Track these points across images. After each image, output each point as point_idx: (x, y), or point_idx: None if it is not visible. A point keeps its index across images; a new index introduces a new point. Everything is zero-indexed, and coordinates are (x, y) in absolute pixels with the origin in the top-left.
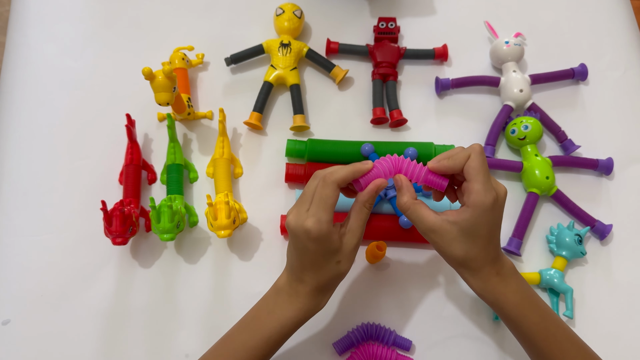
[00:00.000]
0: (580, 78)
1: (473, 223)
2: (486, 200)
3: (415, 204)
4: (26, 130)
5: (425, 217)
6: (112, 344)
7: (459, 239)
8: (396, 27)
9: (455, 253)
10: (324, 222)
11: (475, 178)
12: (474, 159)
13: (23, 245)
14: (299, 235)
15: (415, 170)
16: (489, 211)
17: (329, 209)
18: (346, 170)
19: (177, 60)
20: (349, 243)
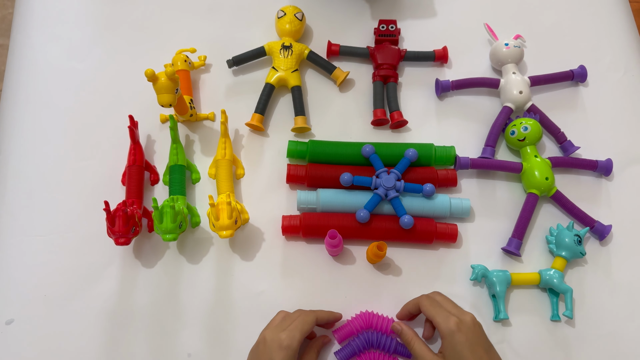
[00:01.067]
0: (580, 80)
1: (450, 349)
2: (449, 326)
3: (416, 341)
4: (30, 132)
5: (424, 356)
6: (115, 344)
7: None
8: (397, 30)
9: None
10: (295, 340)
11: (432, 315)
12: (423, 303)
13: (27, 245)
14: (271, 345)
15: (384, 322)
16: (457, 334)
17: (303, 333)
18: (326, 314)
19: (179, 62)
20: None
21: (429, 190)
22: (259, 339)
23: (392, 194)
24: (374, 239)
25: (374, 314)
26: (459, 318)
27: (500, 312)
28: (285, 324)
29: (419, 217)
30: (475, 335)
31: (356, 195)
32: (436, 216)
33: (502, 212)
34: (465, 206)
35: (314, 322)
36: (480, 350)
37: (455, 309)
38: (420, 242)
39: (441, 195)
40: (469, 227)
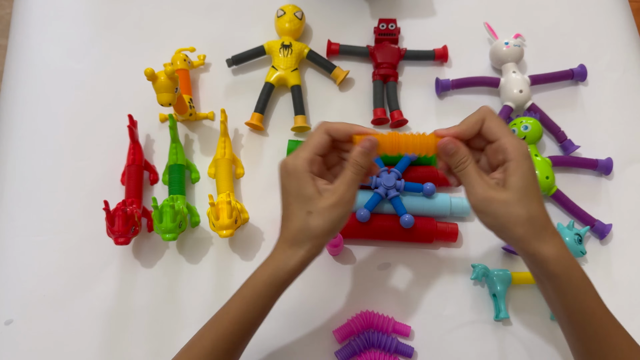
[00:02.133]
0: (580, 79)
1: (521, 176)
2: (524, 147)
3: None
4: (29, 132)
5: (476, 187)
6: (114, 344)
7: (513, 197)
8: (396, 29)
9: (519, 214)
10: (300, 158)
11: (503, 133)
12: (492, 119)
13: (26, 246)
14: (280, 171)
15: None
16: (529, 159)
17: (308, 148)
18: (343, 123)
19: (178, 61)
20: (326, 198)
21: (430, 189)
22: None
23: (393, 193)
24: (374, 238)
25: (374, 313)
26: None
27: (501, 311)
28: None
29: (419, 216)
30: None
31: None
32: (437, 215)
33: None
34: (465, 205)
35: (322, 133)
36: (538, 188)
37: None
38: (421, 241)
39: (442, 194)
40: (470, 226)
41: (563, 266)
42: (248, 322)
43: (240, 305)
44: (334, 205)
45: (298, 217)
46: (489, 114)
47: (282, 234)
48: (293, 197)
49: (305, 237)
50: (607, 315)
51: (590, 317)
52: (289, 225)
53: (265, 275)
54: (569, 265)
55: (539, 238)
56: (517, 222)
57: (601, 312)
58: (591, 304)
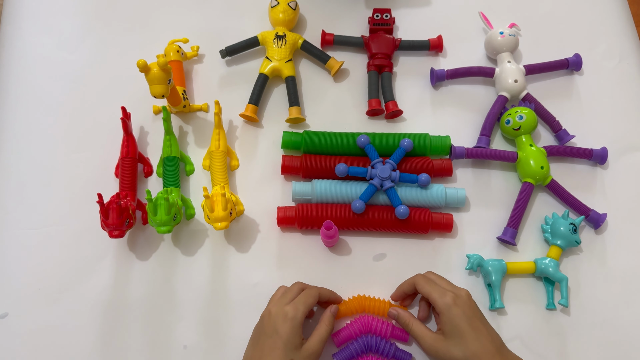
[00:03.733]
0: (575, 68)
1: (449, 324)
2: (445, 301)
3: (413, 324)
4: (21, 124)
5: (425, 339)
6: (110, 337)
7: (451, 343)
8: (391, 19)
9: (456, 356)
10: (300, 312)
11: (428, 292)
12: (418, 282)
13: (20, 239)
14: (276, 317)
15: (383, 327)
16: (453, 308)
17: (307, 307)
18: (329, 291)
19: (172, 52)
20: (305, 350)
21: (425, 180)
22: (263, 313)
23: (388, 184)
24: (369, 229)
25: (373, 317)
26: (455, 293)
27: (496, 301)
28: (288, 297)
29: (414, 207)
30: (471, 308)
31: (351, 185)
32: (432, 206)
33: (497, 202)
34: (460, 196)
35: (317, 296)
36: (477, 322)
37: (450, 285)
38: (416, 232)
39: (436, 185)
40: (465, 216)
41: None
42: None
43: None
44: (311, 357)
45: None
46: (417, 279)
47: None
48: (283, 341)
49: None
50: None
51: None
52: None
53: None
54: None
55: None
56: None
57: None
58: None
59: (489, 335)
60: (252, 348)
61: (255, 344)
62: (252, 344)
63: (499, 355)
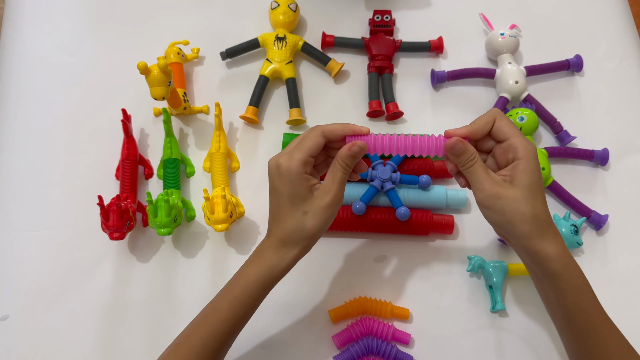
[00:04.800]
0: (576, 69)
1: (528, 173)
2: (533, 148)
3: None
4: (22, 126)
5: (484, 184)
6: (110, 339)
7: (520, 193)
8: (391, 20)
9: (526, 211)
10: (294, 160)
11: (514, 133)
12: (502, 119)
13: (20, 241)
14: (271, 171)
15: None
16: (537, 159)
17: (304, 150)
18: (337, 124)
19: (172, 54)
20: (320, 198)
21: (425, 181)
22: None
23: (388, 186)
24: (370, 230)
25: (373, 319)
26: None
27: (497, 302)
28: (291, 146)
29: (415, 208)
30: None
31: (352, 187)
32: (432, 207)
33: None
34: (461, 197)
35: (319, 136)
36: (543, 188)
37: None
38: (417, 233)
39: (437, 186)
40: (465, 218)
41: (564, 266)
42: (239, 319)
43: (232, 304)
44: (329, 206)
45: (293, 217)
46: (499, 115)
47: (274, 233)
48: (286, 198)
49: (301, 237)
50: (604, 317)
51: (588, 317)
52: (282, 225)
53: (257, 274)
54: (569, 265)
55: (542, 237)
56: (523, 219)
57: (598, 313)
58: (589, 304)
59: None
60: (270, 205)
61: (270, 201)
62: (270, 200)
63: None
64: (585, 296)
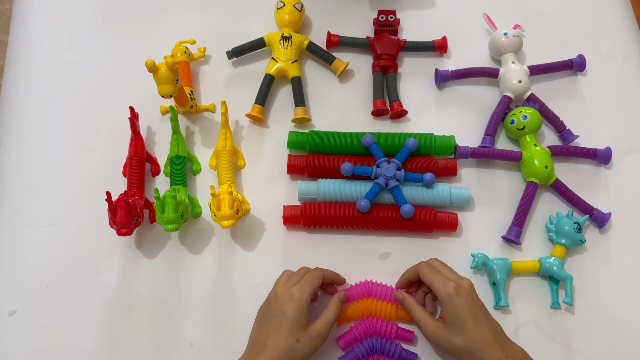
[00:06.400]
0: (579, 69)
1: (450, 313)
2: (447, 290)
3: (417, 310)
4: (31, 124)
5: (427, 327)
6: (117, 334)
7: (451, 332)
8: (396, 20)
9: (457, 344)
10: (305, 293)
11: (431, 282)
12: (421, 270)
13: (28, 237)
14: (282, 298)
15: (388, 328)
16: (455, 298)
17: (312, 288)
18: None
19: (179, 53)
20: (312, 331)
21: (429, 179)
22: (270, 295)
23: (393, 184)
24: (374, 228)
25: (377, 319)
26: (457, 283)
27: (501, 299)
28: (294, 279)
29: (419, 206)
30: (473, 299)
31: (356, 185)
32: (436, 205)
33: (502, 201)
34: (465, 195)
35: (321, 277)
36: (479, 313)
37: (453, 274)
38: (421, 231)
39: (441, 184)
40: (469, 216)
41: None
42: None
43: None
44: (317, 339)
45: (286, 342)
46: (420, 267)
47: (265, 353)
48: (289, 321)
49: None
50: None
51: None
52: (277, 346)
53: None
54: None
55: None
56: (459, 351)
57: None
58: None
59: (489, 325)
60: (258, 329)
61: (262, 324)
62: (258, 324)
63: (497, 345)
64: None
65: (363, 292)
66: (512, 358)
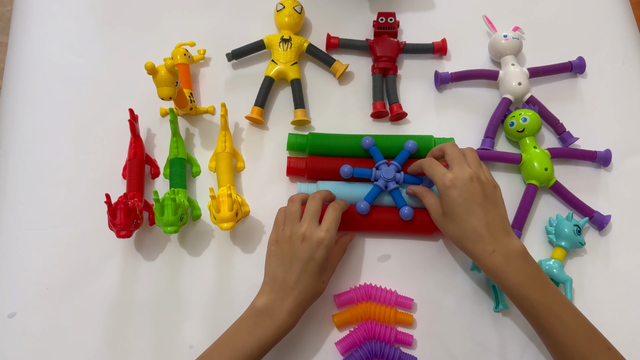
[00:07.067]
0: (578, 71)
1: (445, 204)
2: (443, 182)
3: (425, 196)
4: (31, 126)
5: (431, 213)
6: (117, 336)
7: (446, 220)
8: (395, 22)
9: (449, 232)
10: (333, 239)
11: (431, 175)
12: (424, 164)
13: (28, 239)
14: (310, 243)
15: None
16: (450, 190)
17: (337, 228)
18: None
19: (178, 55)
20: (330, 268)
21: (429, 181)
22: (290, 232)
23: (392, 186)
24: (374, 230)
25: (377, 323)
26: (456, 175)
27: (500, 302)
28: (315, 222)
29: (418, 208)
30: (469, 191)
31: (356, 187)
32: None
33: None
34: None
35: (340, 213)
36: (473, 206)
37: (459, 165)
38: (421, 233)
39: None
40: None
41: (494, 275)
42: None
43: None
44: (332, 273)
45: (315, 285)
46: (423, 162)
47: (296, 298)
48: (318, 267)
49: (312, 299)
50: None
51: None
52: (303, 289)
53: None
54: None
55: (472, 254)
56: (451, 238)
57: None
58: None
59: (484, 218)
60: (281, 268)
61: (289, 267)
62: (280, 263)
63: (488, 238)
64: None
65: (362, 295)
66: (502, 253)
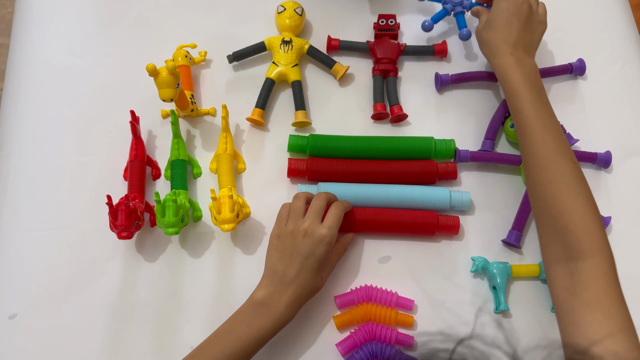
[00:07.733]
0: (579, 73)
1: (492, 12)
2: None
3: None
4: (32, 128)
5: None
6: (117, 337)
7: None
8: (396, 24)
9: (482, 36)
10: (334, 236)
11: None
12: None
13: (29, 240)
14: (312, 238)
15: (387, 333)
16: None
17: (339, 226)
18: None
19: (180, 57)
20: (330, 265)
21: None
22: (289, 229)
23: (459, 9)
24: (375, 231)
25: (377, 325)
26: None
27: (501, 303)
28: (318, 219)
29: (418, 209)
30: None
31: (356, 188)
32: (436, 209)
33: (502, 205)
34: (465, 199)
35: (343, 212)
36: (513, 20)
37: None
38: (423, 234)
39: (441, 188)
40: (469, 219)
41: (502, 72)
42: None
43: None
44: (331, 270)
45: (313, 280)
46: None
47: (294, 292)
48: (318, 263)
49: (310, 295)
50: (535, 115)
51: (521, 116)
52: (302, 284)
53: (274, 328)
54: (507, 72)
55: (493, 55)
56: (480, 41)
57: (530, 112)
58: (522, 105)
59: (517, 34)
60: (281, 262)
61: (289, 261)
62: (281, 256)
63: (513, 48)
64: (519, 98)
65: (363, 296)
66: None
